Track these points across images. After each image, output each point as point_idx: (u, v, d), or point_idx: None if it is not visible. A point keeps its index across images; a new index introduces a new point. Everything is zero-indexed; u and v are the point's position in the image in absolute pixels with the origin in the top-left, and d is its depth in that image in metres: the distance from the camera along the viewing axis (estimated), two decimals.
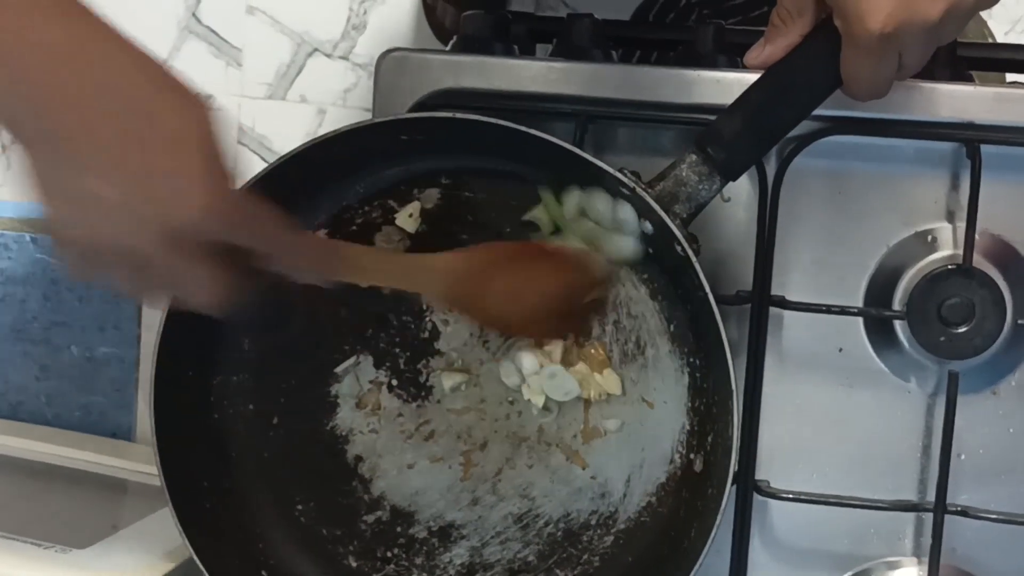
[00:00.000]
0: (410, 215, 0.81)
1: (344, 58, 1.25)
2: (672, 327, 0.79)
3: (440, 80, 0.81)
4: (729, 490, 0.72)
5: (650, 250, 0.77)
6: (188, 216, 0.59)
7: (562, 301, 0.77)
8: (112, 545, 0.82)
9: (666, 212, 0.72)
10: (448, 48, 0.88)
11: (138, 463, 0.98)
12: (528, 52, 0.90)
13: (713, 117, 0.79)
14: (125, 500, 0.96)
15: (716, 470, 0.75)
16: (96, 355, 1.03)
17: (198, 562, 0.76)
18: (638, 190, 0.72)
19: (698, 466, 0.79)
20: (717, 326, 0.71)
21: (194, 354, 0.79)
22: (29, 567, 0.77)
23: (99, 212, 0.59)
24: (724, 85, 0.79)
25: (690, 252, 0.72)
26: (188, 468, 0.78)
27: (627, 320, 0.80)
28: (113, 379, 1.03)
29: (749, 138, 0.74)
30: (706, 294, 0.71)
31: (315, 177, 0.78)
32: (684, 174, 0.74)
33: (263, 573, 0.80)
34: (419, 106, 0.80)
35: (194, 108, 0.60)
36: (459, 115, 0.73)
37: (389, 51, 0.82)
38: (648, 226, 0.75)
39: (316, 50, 1.25)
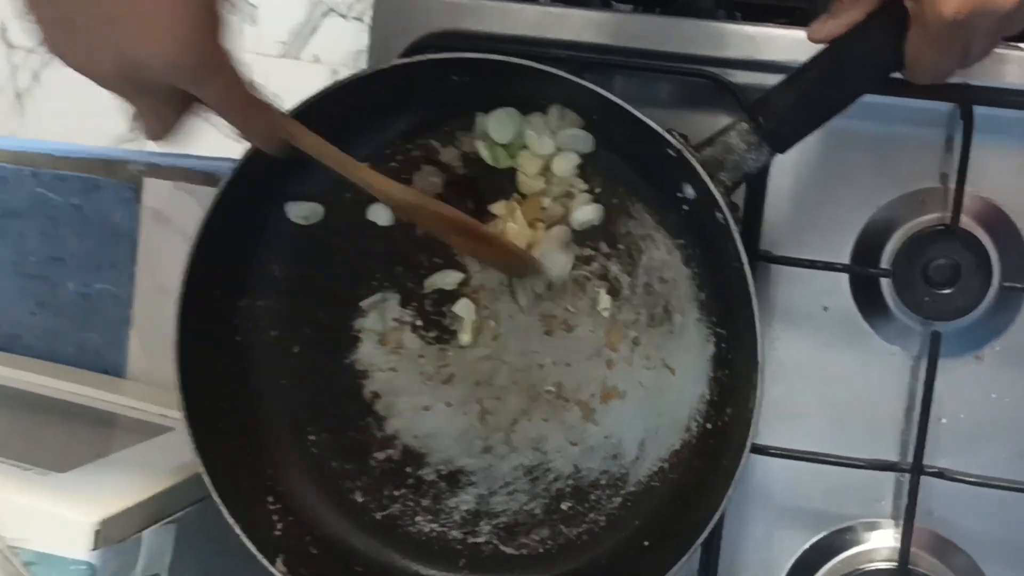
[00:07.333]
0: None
1: (359, 19, 1.25)
2: (704, 295, 0.78)
3: (437, 22, 0.81)
4: (744, 463, 0.72)
5: (685, 207, 0.76)
6: (145, 57, 0.61)
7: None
8: (92, 471, 0.82)
9: (711, 178, 0.71)
10: None
11: (129, 399, 0.98)
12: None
13: (710, 69, 0.80)
14: (113, 433, 0.96)
15: (732, 442, 0.74)
16: (92, 292, 1.03)
17: (207, 479, 0.75)
18: (684, 153, 0.71)
19: (714, 437, 0.78)
20: (750, 298, 0.70)
21: (223, 273, 0.79)
22: (8, 486, 0.77)
23: (74, 35, 0.61)
24: (721, 36, 0.79)
25: (731, 221, 0.71)
26: (206, 387, 0.78)
27: (659, 285, 0.79)
28: (108, 317, 1.03)
29: (802, 111, 0.73)
30: (742, 265, 0.71)
31: (361, 109, 0.77)
32: (733, 141, 0.73)
33: (269, 499, 0.80)
34: (415, 47, 0.80)
35: None
36: (515, 60, 0.72)
37: None
38: (690, 190, 0.75)
39: (331, 10, 1.26)
